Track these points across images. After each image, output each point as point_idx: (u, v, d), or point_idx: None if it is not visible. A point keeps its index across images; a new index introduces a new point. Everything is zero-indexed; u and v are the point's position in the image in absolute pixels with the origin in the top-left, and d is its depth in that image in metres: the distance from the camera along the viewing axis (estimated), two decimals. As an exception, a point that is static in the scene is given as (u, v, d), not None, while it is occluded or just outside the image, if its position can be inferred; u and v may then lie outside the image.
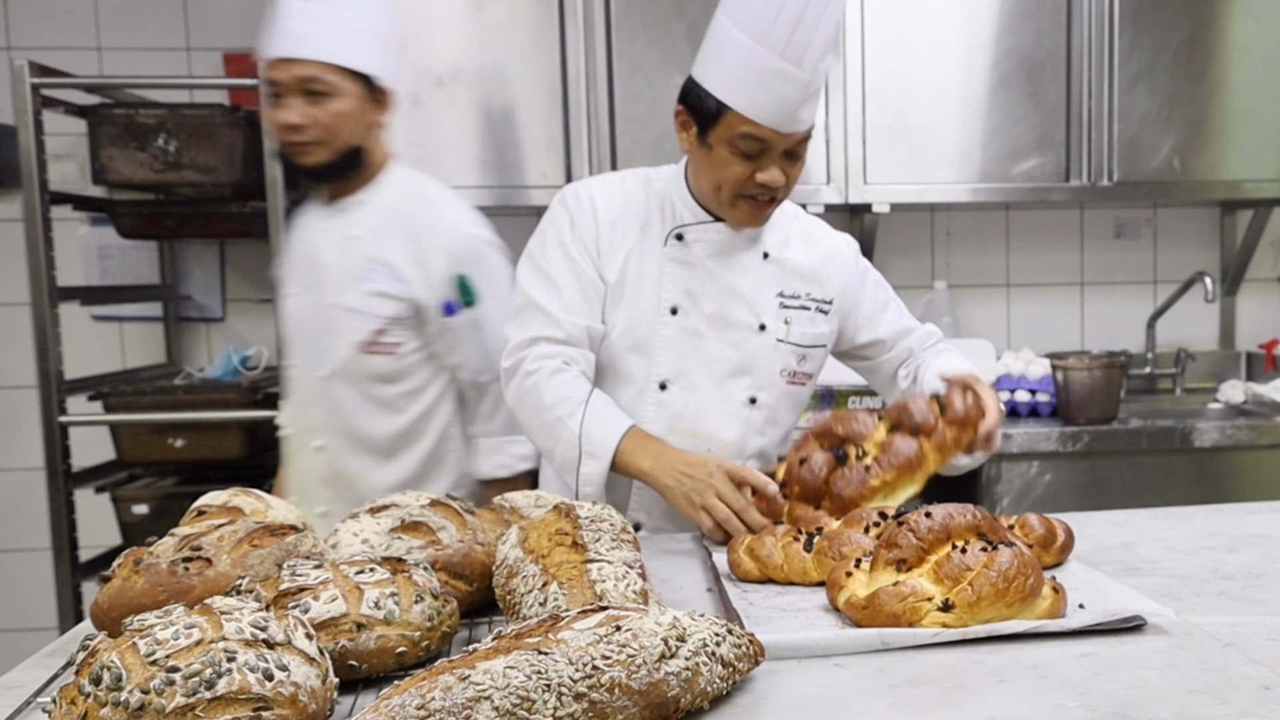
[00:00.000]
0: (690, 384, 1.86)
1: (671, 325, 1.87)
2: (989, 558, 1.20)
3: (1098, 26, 3.11)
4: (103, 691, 0.87)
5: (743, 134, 1.72)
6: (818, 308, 1.93)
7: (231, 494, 1.41)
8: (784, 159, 1.76)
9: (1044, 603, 1.21)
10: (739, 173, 1.75)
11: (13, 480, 3.47)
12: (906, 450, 1.60)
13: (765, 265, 1.89)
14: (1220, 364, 3.67)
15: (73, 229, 3.38)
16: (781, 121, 1.70)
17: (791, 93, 1.68)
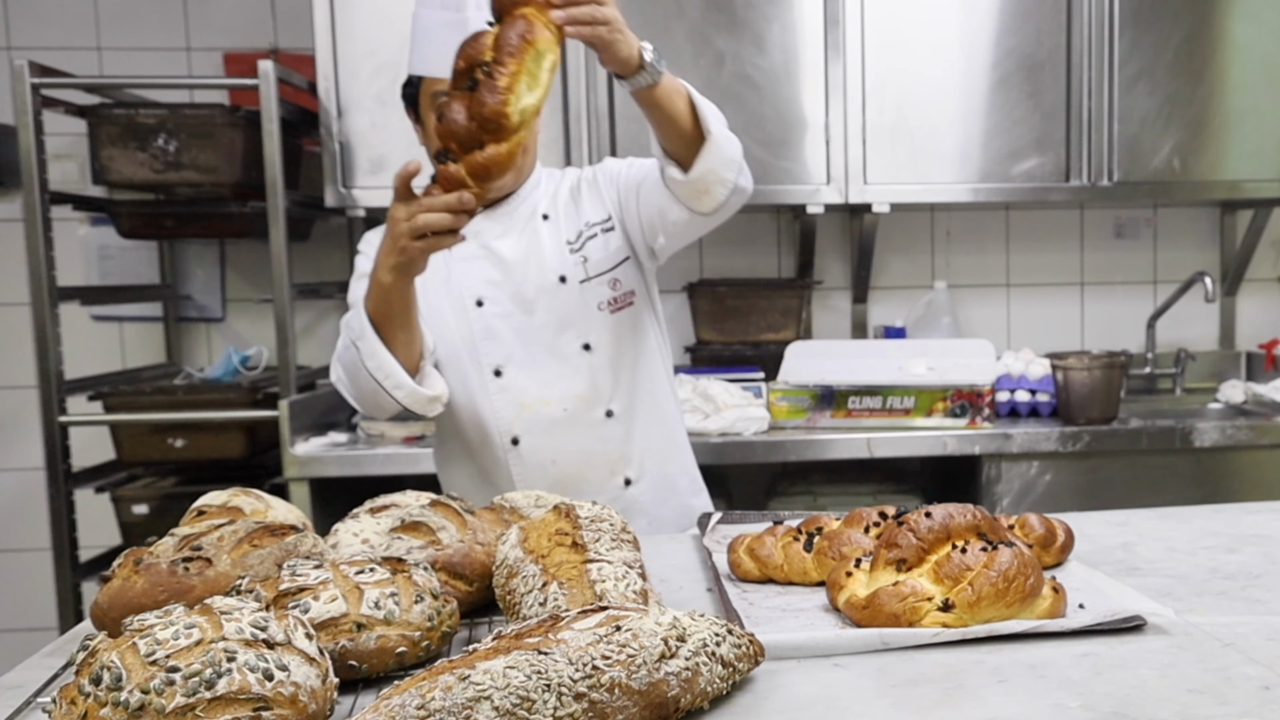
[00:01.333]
0: (523, 361, 1.94)
1: (483, 317, 1.95)
2: (989, 558, 1.20)
3: (1098, 26, 3.11)
4: (103, 691, 0.87)
5: (435, 94, 1.82)
6: (602, 229, 1.99)
7: (231, 494, 1.41)
8: None
9: (1044, 603, 1.21)
10: None
11: (13, 480, 3.47)
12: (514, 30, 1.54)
13: (546, 225, 1.98)
14: (1220, 364, 3.67)
15: (73, 229, 3.38)
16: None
17: (455, 37, 1.70)
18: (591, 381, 1.96)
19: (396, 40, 2.92)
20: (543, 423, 1.96)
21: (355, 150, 2.95)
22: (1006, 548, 1.21)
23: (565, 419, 1.96)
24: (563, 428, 1.96)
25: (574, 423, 1.96)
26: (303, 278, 3.31)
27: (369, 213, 3.01)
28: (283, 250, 2.80)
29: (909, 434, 2.86)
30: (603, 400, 1.97)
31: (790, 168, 3.08)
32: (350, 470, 2.75)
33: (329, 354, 3.48)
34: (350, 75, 2.92)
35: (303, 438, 2.81)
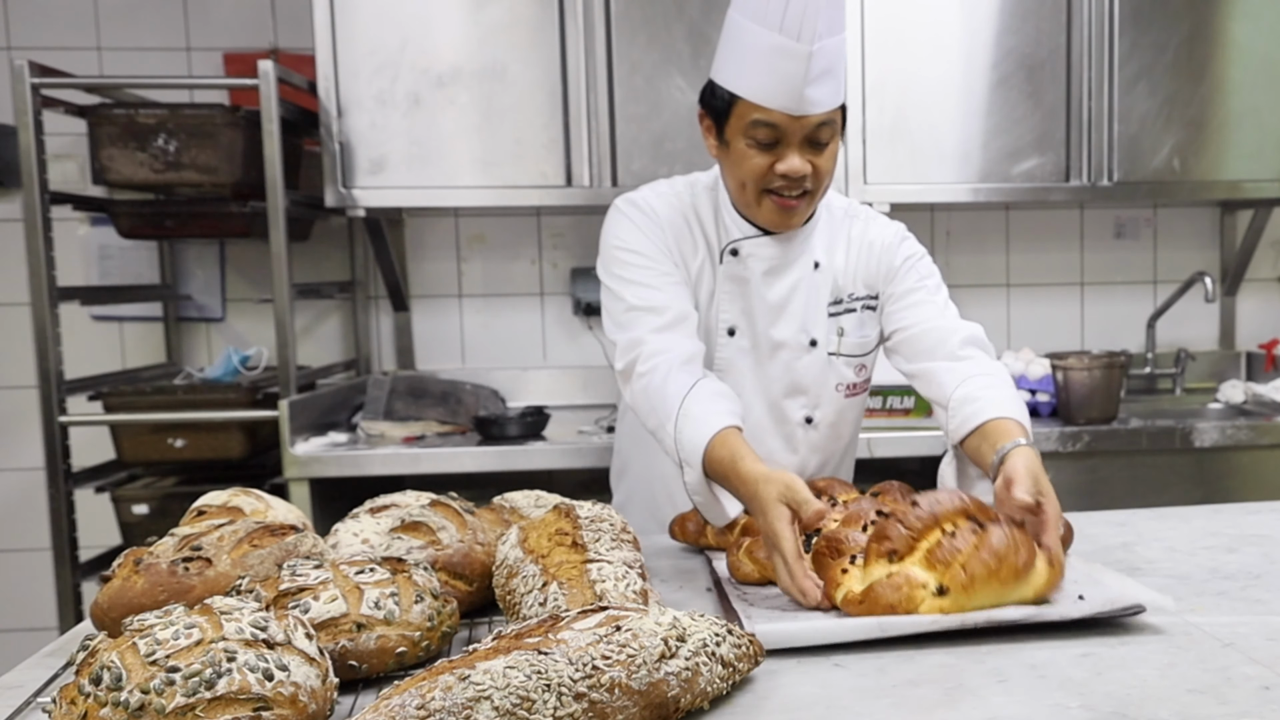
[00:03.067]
0: (746, 405, 1.76)
1: (729, 347, 1.82)
2: (979, 538, 1.20)
3: (1098, 26, 3.11)
4: (103, 691, 0.87)
5: (754, 121, 1.66)
6: (864, 305, 1.86)
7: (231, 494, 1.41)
8: (806, 148, 1.68)
9: (1039, 577, 1.20)
10: (759, 165, 1.69)
11: (13, 480, 3.47)
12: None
13: (815, 275, 1.82)
14: (1220, 364, 3.67)
15: (73, 229, 3.37)
16: (789, 103, 1.63)
17: (794, 69, 1.61)
18: (802, 458, 1.85)
19: (396, 40, 2.93)
20: None
21: (355, 150, 2.95)
22: (996, 526, 1.21)
23: None
24: None
25: None
26: (303, 278, 3.31)
27: (369, 213, 3.01)
28: (283, 250, 2.80)
29: (909, 434, 2.86)
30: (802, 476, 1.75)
31: (790, 168, 3.07)
32: (350, 470, 2.75)
33: (329, 354, 3.50)
34: (350, 75, 2.92)
35: (303, 438, 2.81)
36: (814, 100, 1.64)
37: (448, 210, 3.43)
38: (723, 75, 1.70)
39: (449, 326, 3.51)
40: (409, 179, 2.96)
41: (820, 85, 1.64)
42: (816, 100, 1.65)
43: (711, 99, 1.73)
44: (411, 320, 3.48)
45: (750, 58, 1.65)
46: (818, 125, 1.67)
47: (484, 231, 3.49)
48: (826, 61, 1.64)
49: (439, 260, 3.49)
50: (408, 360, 3.48)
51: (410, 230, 3.46)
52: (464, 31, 2.95)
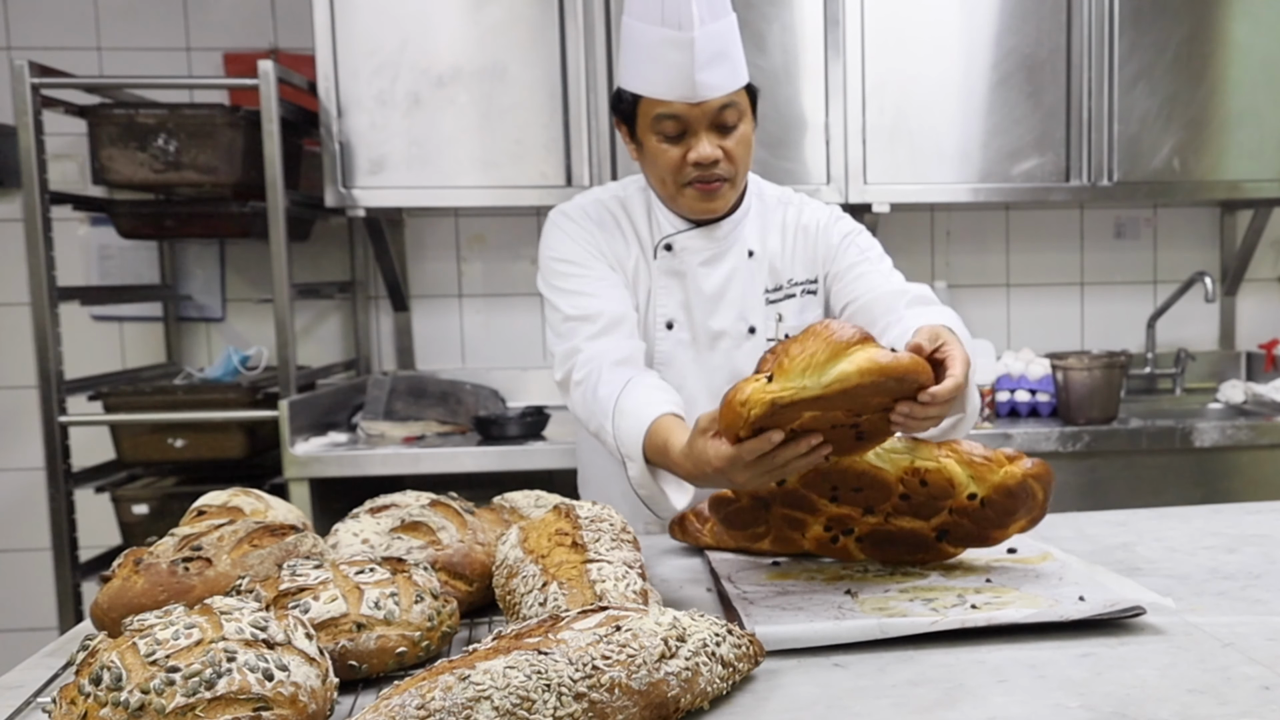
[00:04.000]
0: (689, 397, 1.79)
1: (668, 340, 1.86)
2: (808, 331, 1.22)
3: (1098, 26, 3.11)
4: (103, 691, 0.87)
5: (657, 116, 1.72)
6: (804, 290, 1.88)
7: (231, 494, 1.41)
8: (714, 133, 1.73)
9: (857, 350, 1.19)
10: (672, 157, 1.74)
11: (13, 480, 3.47)
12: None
13: (750, 263, 1.87)
14: (1220, 364, 3.67)
15: (73, 229, 3.38)
16: (683, 91, 1.68)
17: (681, 58, 1.66)
18: None
19: (396, 40, 2.92)
20: None
21: (355, 150, 2.95)
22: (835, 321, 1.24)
23: None
24: None
25: None
26: (303, 278, 3.31)
27: (369, 213, 3.01)
28: (283, 250, 2.80)
29: (909, 434, 2.86)
30: None
31: (790, 168, 3.08)
32: (350, 470, 2.75)
33: (329, 354, 3.50)
34: (350, 75, 2.92)
35: (303, 438, 2.82)
36: (708, 85, 1.69)
37: (448, 210, 3.43)
38: (624, 79, 1.76)
39: (449, 326, 3.51)
40: (409, 179, 2.97)
41: (711, 70, 1.69)
42: (710, 84, 1.70)
43: (619, 104, 1.78)
44: (411, 320, 3.49)
45: (642, 55, 1.70)
46: (719, 109, 1.72)
47: (484, 231, 3.49)
48: (714, 45, 1.69)
49: (439, 260, 3.49)
50: (408, 360, 3.48)
51: (410, 230, 3.46)
52: (464, 31, 2.95)
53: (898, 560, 1.43)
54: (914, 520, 1.38)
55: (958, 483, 1.35)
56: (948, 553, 1.43)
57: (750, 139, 1.79)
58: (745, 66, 1.77)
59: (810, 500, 1.41)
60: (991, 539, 1.41)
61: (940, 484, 1.35)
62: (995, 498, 1.36)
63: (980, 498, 1.36)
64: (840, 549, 1.44)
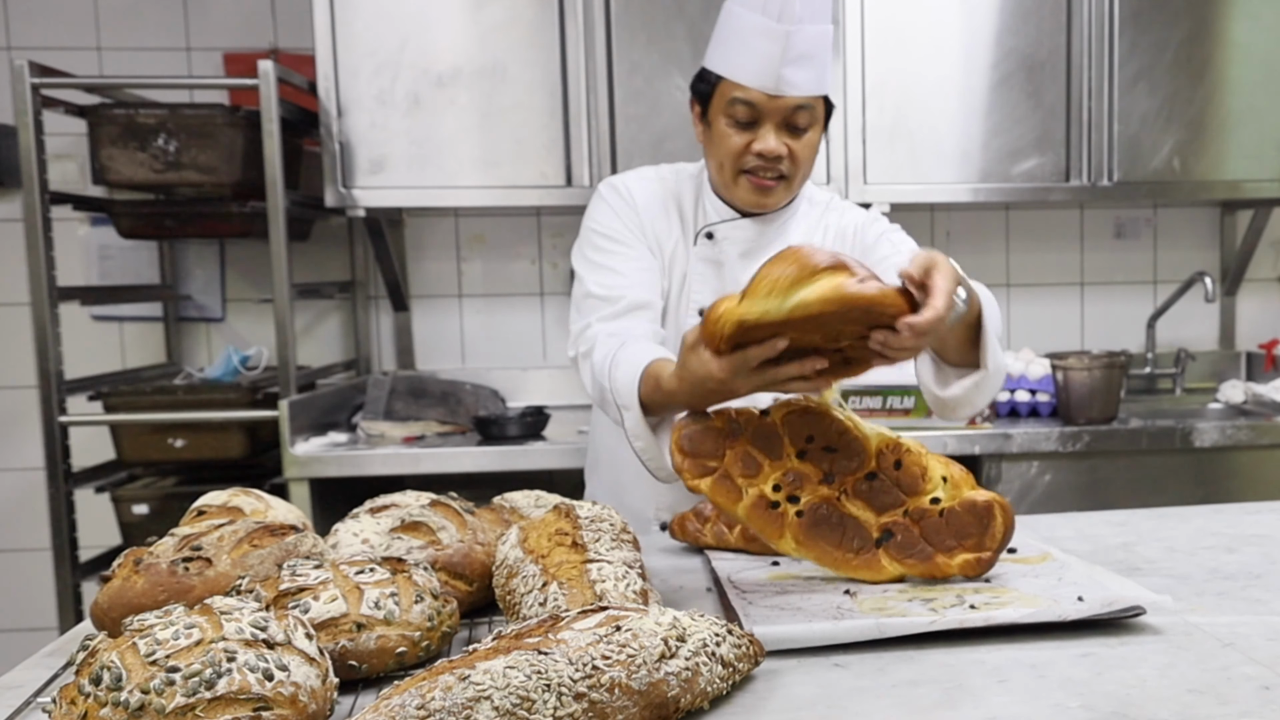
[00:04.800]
0: None
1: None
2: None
3: (1098, 26, 3.11)
4: (103, 691, 0.87)
5: (733, 100, 1.73)
6: None
7: (231, 494, 1.41)
8: (783, 130, 1.75)
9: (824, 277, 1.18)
10: (736, 144, 1.75)
11: (13, 480, 3.47)
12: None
13: None
14: (1220, 364, 3.67)
15: (73, 229, 3.38)
16: (766, 82, 1.70)
17: (771, 48, 1.68)
18: None
19: (396, 40, 2.93)
20: None
21: (355, 150, 2.95)
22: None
23: None
24: None
25: None
26: (303, 278, 3.31)
27: (369, 213, 3.01)
28: (283, 250, 2.80)
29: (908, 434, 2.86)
30: None
31: (790, 168, 3.08)
32: (350, 470, 2.75)
33: (329, 354, 3.50)
34: (350, 75, 2.92)
35: (303, 438, 2.82)
36: (791, 81, 1.71)
37: (448, 210, 3.43)
38: (711, 60, 1.78)
39: (449, 326, 3.51)
40: (409, 179, 2.97)
41: (798, 68, 1.70)
42: (793, 82, 1.71)
43: (699, 83, 1.80)
44: (411, 320, 3.48)
45: (734, 40, 1.73)
46: (794, 108, 1.73)
47: (484, 231, 3.49)
48: (806, 46, 1.70)
49: (439, 260, 3.49)
50: (408, 360, 3.48)
51: (410, 230, 3.46)
52: (464, 31, 2.95)
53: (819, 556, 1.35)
54: (865, 509, 1.35)
55: (929, 478, 1.35)
56: (879, 565, 1.34)
57: (817, 146, 1.81)
58: (830, 77, 1.78)
59: (780, 445, 1.37)
60: (933, 560, 1.34)
61: (912, 472, 1.35)
62: (957, 510, 1.33)
63: (942, 506, 1.34)
64: (778, 516, 1.35)
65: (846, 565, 1.35)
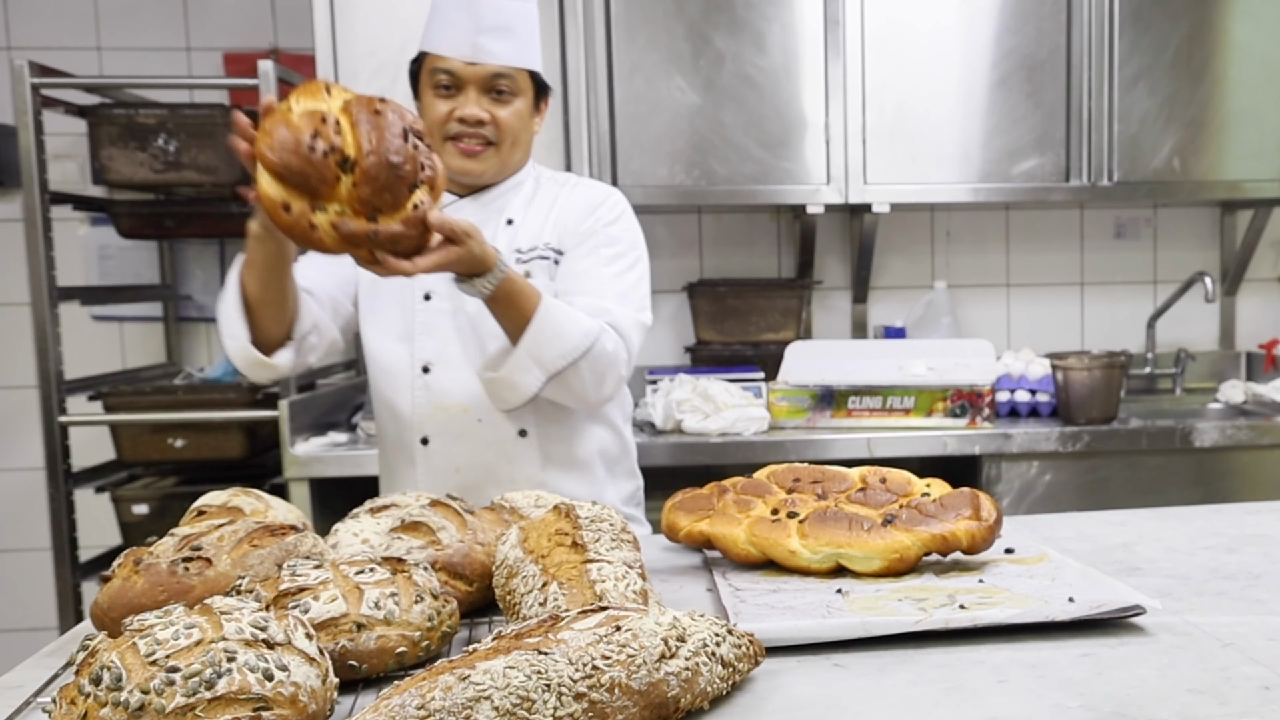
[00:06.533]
0: (452, 362, 1.90)
1: (427, 310, 1.92)
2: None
3: (1098, 26, 3.11)
4: (103, 691, 0.87)
5: (434, 69, 1.84)
6: (554, 257, 1.93)
7: (231, 494, 1.41)
8: (487, 99, 1.84)
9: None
10: (440, 111, 1.84)
11: (13, 480, 3.47)
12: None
13: (507, 230, 1.93)
14: (1220, 364, 3.67)
15: (73, 229, 3.38)
16: (463, 50, 1.81)
17: (466, 19, 1.79)
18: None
19: (396, 40, 2.92)
20: (455, 428, 1.92)
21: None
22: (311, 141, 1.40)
23: (478, 429, 1.91)
24: (474, 437, 1.92)
25: (485, 435, 1.92)
26: (303, 278, 3.30)
27: (369, 213, 3.01)
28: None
29: (909, 434, 2.86)
30: (519, 419, 1.91)
31: (790, 168, 3.08)
32: (350, 470, 2.75)
33: (329, 354, 3.49)
34: (350, 75, 2.92)
35: (303, 438, 2.81)
36: (487, 50, 1.82)
37: (448, 210, 3.42)
38: (421, 42, 1.88)
39: (449, 326, 3.50)
40: (409, 179, 2.96)
41: (495, 38, 1.82)
42: (490, 50, 1.82)
43: (412, 66, 1.91)
44: (411, 320, 3.48)
45: (435, 17, 1.86)
46: (494, 75, 1.83)
47: (484, 231, 3.49)
48: (503, 19, 1.82)
49: (439, 260, 3.48)
50: (408, 360, 3.47)
51: (410, 230, 3.45)
52: (464, 31, 2.95)
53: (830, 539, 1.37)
54: (864, 507, 1.42)
55: (914, 487, 1.47)
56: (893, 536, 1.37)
57: (527, 119, 1.90)
58: (537, 55, 1.89)
59: (769, 489, 1.49)
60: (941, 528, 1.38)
61: (898, 481, 1.47)
62: (948, 496, 1.43)
63: (933, 498, 1.43)
64: (781, 523, 1.40)
65: (861, 544, 1.36)
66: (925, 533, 1.36)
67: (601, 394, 1.87)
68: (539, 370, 1.78)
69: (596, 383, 1.83)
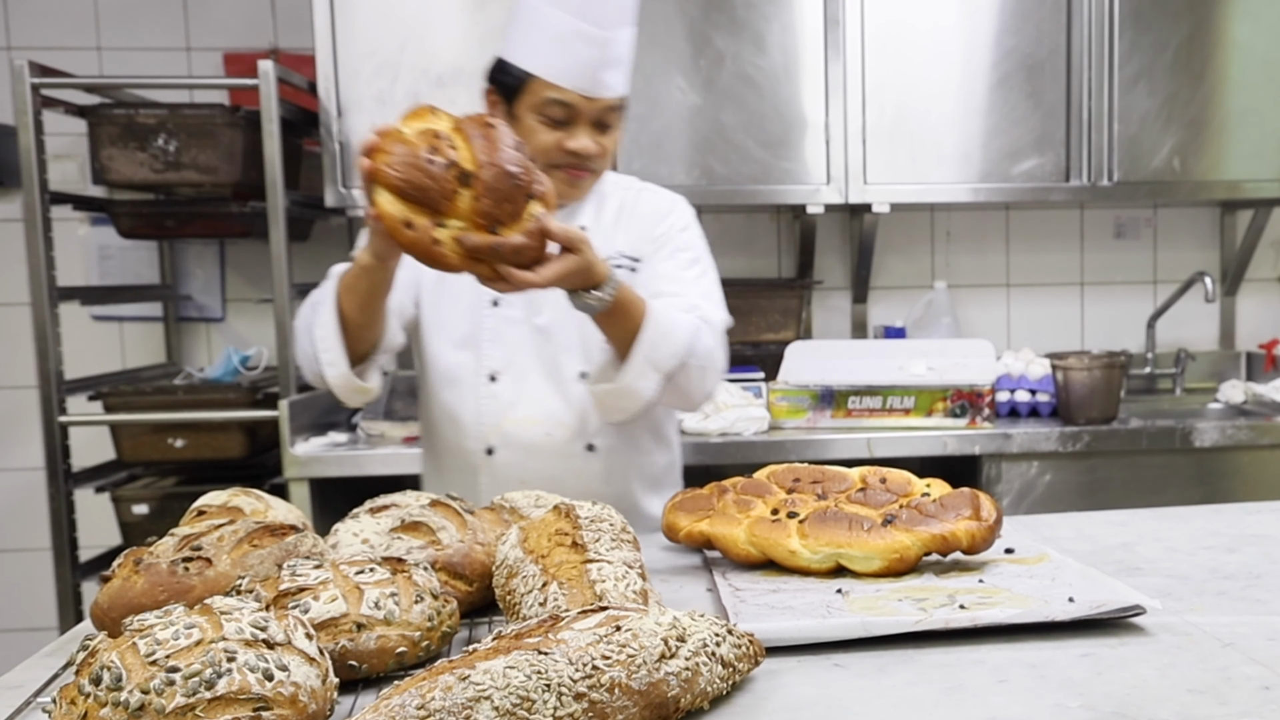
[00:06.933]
0: (520, 373, 1.87)
1: (494, 317, 1.89)
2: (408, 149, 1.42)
3: (1098, 26, 3.11)
4: (103, 691, 0.87)
5: (547, 99, 1.76)
6: (630, 264, 1.91)
7: (231, 494, 1.41)
8: (594, 129, 1.80)
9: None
10: (548, 141, 1.78)
11: (13, 480, 3.47)
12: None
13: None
14: (1220, 364, 3.67)
15: (73, 229, 3.38)
16: (585, 84, 1.75)
17: (591, 53, 1.73)
18: (579, 412, 1.89)
19: (396, 40, 2.93)
20: (522, 440, 1.89)
21: (355, 150, 2.94)
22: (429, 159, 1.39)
23: (545, 443, 1.89)
24: (541, 451, 1.90)
25: (553, 449, 1.90)
26: (303, 278, 3.30)
27: (369, 213, 3.01)
28: (283, 250, 2.80)
29: (909, 434, 2.86)
30: (587, 433, 1.90)
31: (790, 168, 3.08)
32: (350, 470, 2.75)
33: (329, 354, 3.49)
34: (350, 75, 2.92)
35: (303, 438, 2.81)
36: (607, 84, 1.78)
37: (448, 210, 3.42)
38: (517, 54, 1.79)
39: (449, 326, 3.50)
40: (409, 179, 2.96)
41: (613, 71, 1.78)
42: (609, 84, 1.78)
43: (503, 76, 1.81)
44: (411, 320, 3.48)
45: (546, 39, 1.76)
46: (606, 108, 1.80)
47: (484, 231, 3.49)
48: (619, 50, 1.78)
49: (439, 260, 3.48)
50: (408, 360, 3.47)
51: (410, 230, 3.45)
52: (464, 31, 2.95)
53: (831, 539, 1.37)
54: (864, 508, 1.43)
55: (914, 487, 1.47)
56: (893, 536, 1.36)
57: (619, 141, 1.89)
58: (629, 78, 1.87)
59: (769, 489, 1.50)
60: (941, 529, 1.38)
61: (898, 481, 1.47)
62: (948, 496, 1.44)
63: (933, 498, 1.44)
64: (782, 523, 1.41)
65: (861, 543, 1.36)
66: (925, 533, 1.36)
67: (705, 391, 1.84)
68: (655, 373, 1.74)
69: (701, 379, 1.80)
